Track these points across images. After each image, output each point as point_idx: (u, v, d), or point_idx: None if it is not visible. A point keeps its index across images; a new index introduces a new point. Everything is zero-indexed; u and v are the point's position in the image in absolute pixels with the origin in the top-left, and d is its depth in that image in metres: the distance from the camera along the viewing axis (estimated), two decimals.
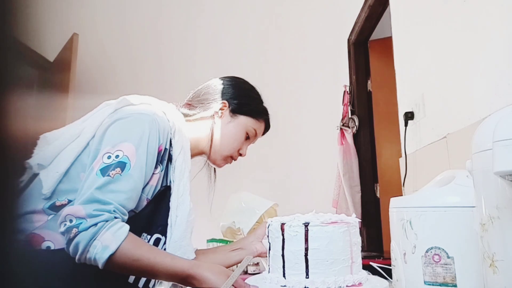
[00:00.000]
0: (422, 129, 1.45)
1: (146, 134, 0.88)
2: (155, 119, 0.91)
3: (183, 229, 0.95)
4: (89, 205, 0.78)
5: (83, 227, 0.76)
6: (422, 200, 0.72)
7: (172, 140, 0.96)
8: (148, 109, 0.95)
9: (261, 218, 1.33)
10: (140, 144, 0.87)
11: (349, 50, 2.64)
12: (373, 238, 2.34)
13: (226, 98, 1.09)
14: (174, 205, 0.96)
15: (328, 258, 0.67)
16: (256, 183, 2.83)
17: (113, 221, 0.79)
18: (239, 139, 1.09)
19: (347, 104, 2.55)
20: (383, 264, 0.93)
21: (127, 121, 0.90)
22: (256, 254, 1.09)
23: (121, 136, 0.87)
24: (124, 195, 0.83)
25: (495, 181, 0.52)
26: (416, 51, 1.52)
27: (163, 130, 0.93)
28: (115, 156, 0.84)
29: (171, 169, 0.97)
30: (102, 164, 0.83)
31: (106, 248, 0.77)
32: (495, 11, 1.00)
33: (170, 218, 0.95)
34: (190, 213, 0.97)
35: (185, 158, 0.99)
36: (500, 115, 0.53)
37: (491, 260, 0.53)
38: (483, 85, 1.05)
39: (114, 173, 0.82)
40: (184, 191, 0.97)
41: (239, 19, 3.13)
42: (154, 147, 0.90)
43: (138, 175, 0.86)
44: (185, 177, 0.98)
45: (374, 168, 2.43)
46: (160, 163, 0.94)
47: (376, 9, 2.14)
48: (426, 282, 0.68)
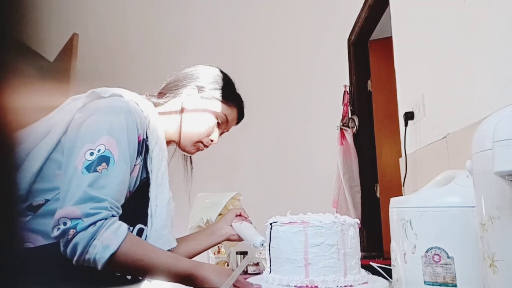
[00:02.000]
0: (422, 129, 1.45)
1: (124, 126, 0.86)
2: (130, 110, 0.89)
3: (164, 218, 0.95)
4: (83, 205, 0.76)
5: (81, 227, 0.74)
6: (422, 200, 0.72)
7: (148, 130, 0.95)
8: (121, 100, 0.92)
9: (226, 207, 1.35)
10: (120, 136, 0.85)
11: (349, 50, 2.64)
12: (373, 238, 2.34)
13: (196, 83, 1.07)
14: (153, 195, 0.95)
15: (281, 257, 0.71)
16: (256, 183, 2.83)
17: (111, 219, 0.78)
18: (208, 124, 1.06)
19: (347, 104, 2.55)
20: (383, 264, 0.93)
21: (102, 114, 0.87)
22: (226, 237, 1.11)
23: (99, 131, 0.84)
24: (115, 188, 0.81)
25: (495, 181, 0.52)
26: (416, 51, 1.52)
27: (139, 120, 0.91)
28: (97, 151, 0.81)
29: (149, 160, 0.96)
30: (85, 161, 0.80)
31: (106, 248, 0.75)
32: (495, 11, 1.00)
33: (150, 208, 0.94)
34: (169, 201, 0.97)
35: (161, 148, 0.98)
36: (500, 115, 0.53)
37: (491, 260, 0.53)
38: (483, 85, 1.05)
39: (101, 168, 0.80)
40: (163, 180, 0.97)
41: (238, 19, 3.13)
42: (134, 137, 0.88)
43: (123, 168, 0.84)
44: (163, 166, 0.97)
45: (374, 168, 2.43)
46: (140, 154, 0.92)
47: (376, 9, 2.14)
48: (426, 282, 0.68)
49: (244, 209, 1.16)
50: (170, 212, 0.97)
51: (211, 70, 1.12)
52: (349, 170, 2.37)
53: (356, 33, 2.47)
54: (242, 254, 2.55)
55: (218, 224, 1.14)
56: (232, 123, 1.13)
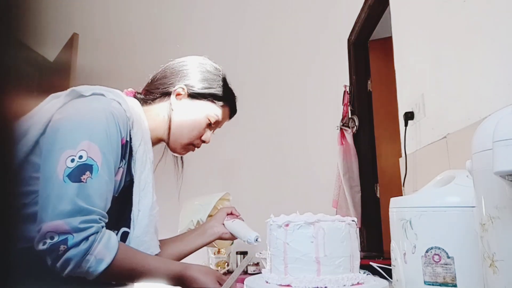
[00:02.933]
0: (422, 129, 1.45)
1: (105, 130, 0.81)
2: (111, 112, 0.84)
3: (145, 223, 0.90)
4: (72, 219, 0.72)
5: (73, 242, 0.71)
6: (422, 200, 0.72)
7: (131, 131, 0.90)
8: (102, 101, 0.86)
9: (215, 208, 1.34)
10: (102, 141, 0.80)
11: (349, 50, 2.64)
12: (373, 238, 2.34)
13: (185, 82, 1.01)
14: (136, 199, 0.90)
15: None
16: (255, 183, 2.83)
17: (101, 231, 0.76)
18: (199, 126, 1.01)
19: (347, 104, 2.55)
20: (383, 264, 0.93)
21: (83, 117, 0.82)
22: (217, 236, 1.08)
23: (80, 135, 0.79)
24: (101, 197, 0.78)
25: (495, 181, 0.52)
26: (416, 51, 1.52)
27: (122, 122, 0.86)
28: (78, 157, 0.76)
29: (133, 162, 0.91)
30: (66, 169, 0.75)
31: (100, 262, 0.74)
32: (495, 11, 1.00)
33: (133, 212, 0.90)
34: (152, 206, 0.92)
35: (146, 149, 0.93)
36: (500, 115, 0.53)
37: (491, 260, 0.53)
38: (483, 85, 1.05)
39: (85, 177, 0.76)
40: (146, 183, 0.92)
41: (238, 19, 3.13)
42: (117, 141, 0.83)
43: (107, 174, 0.80)
44: (147, 169, 0.92)
45: (374, 168, 2.43)
46: (123, 157, 0.87)
47: (376, 9, 2.14)
48: (426, 282, 0.68)
49: (234, 207, 1.12)
50: (153, 217, 0.92)
51: (200, 66, 1.05)
52: (349, 170, 2.37)
53: (356, 33, 2.47)
54: (242, 254, 2.55)
55: (209, 223, 1.10)
56: (224, 121, 1.08)
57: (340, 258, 0.68)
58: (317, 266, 0.66)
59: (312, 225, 0.68)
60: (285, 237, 0.70)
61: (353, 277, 0.68)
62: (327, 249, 0.67)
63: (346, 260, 0.68)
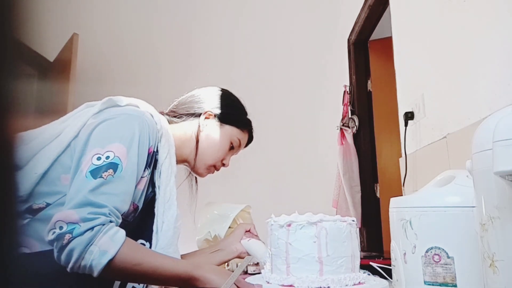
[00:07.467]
0: (422, 129, 1.45)
1: (136, 135, 0.85)
2: (144, 120, 0.88)
3: (170, 235, 0.92)
4: (82, 209, 0.73)
5: (78, 232, 0.71)
6: (422, 200, 0.72)
7: (159, 144, 0.94)
8: (136, 110, 0.92)
9: (235, 221, 1.33)
10: (131, 145, 0.83)
11: (349, 50, 2.64)
12: (373, 238, 2.34)
13: (212, 107, 1.08)
14: (160, 210, 0.92)
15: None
16: (256, 183, 2.83)
17: (109, 225, 0.75)
18: (224, 149, 1.08)
19: (347, 104, 2.55)
20: (383, 264, 0.93)
21: (116, 121, 0.86)
22: (236, 255, 1.09)
23: (111, 137, 0.83)
24: (118, 197, 0.79)
25: (495, 181, 0.52)
26: (416, 51, 1.52)
27: (152, 132, 0.90)
28: (105, 157, 0.80)
29: (157, 174, 0.94)
30: (91, 165, 0.78)
31: (104, 253, 0.73)
32: (495, 11, 1.00)
33: (156, 224, 0.91)
34: (177, 219, 0.94)
35: (171, 163, 0.96)
36: (500, 115, 0.53)
37: (491, 260, 0.53)
38: (483, 85, 1.05)
39: (107, 174, 0.78)
40: (171, 196, 0.94)
41: (237, 19, 3.13)
42: (145, 148, 0.87)
43: (130, 177, 0.82)
44: (172, 181, 0.95)
45: (374, 168, 2.43)
46: (148, 167, 0.90)
47: (376, 9, 2.14)
48: (426, 282, 0.68)
49: (254, 225, 1.15)
50: (177, 229, 0.94)
51: (227, 95, 1.14)
52: (349, 170, 2.37)
53: (356, 33, 2.47)
54: None
55: (228, 240, 1.12)
56: (242, 147, 1.15)
57: (342, 258, 0.68)
58: (320, 266, 0.66)
59: (315, 225, 0.68)
60: (287, 237, 0.69)
61: (355, 276, 0.68)
62: (330, 249, 0.67)
63: (348, 260, 0.69)
